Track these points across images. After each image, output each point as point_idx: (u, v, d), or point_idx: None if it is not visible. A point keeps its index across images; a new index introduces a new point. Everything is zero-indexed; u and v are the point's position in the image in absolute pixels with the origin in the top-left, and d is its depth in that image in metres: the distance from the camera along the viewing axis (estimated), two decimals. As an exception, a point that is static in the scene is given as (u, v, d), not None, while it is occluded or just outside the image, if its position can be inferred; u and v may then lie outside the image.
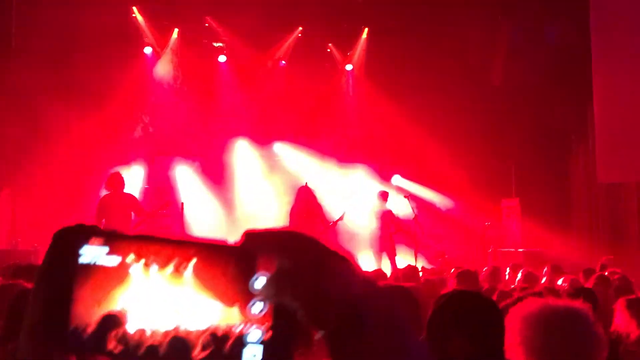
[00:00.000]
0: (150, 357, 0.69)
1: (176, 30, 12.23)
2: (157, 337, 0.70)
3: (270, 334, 0.69)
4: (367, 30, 13.33)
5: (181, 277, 0.71)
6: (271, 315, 0.69)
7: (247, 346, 0.68)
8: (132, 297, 0.71)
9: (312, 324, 0.68)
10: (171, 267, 0.71)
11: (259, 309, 0.69)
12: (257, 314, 0.69)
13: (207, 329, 0.69)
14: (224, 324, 0.69)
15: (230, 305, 0.70)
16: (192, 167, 12.36)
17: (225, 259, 0.71)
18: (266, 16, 11.92)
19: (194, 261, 0.71)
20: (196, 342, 0.69)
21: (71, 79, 10.75)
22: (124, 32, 11.60)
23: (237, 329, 0.69)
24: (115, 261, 0.72)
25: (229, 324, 0.69)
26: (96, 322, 0.71)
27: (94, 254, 0.73)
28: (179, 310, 0.70)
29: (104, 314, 0.71)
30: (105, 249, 0.73)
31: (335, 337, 0.68)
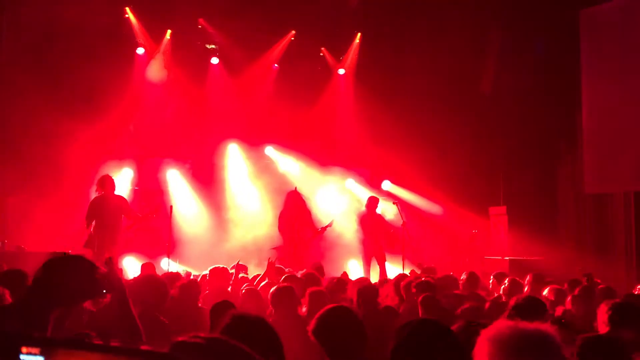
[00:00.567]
0: None
1: (169, 31, 12.20)
2: None
3: None
4: (360, 35, 13.38)
5: None
6: None
7: None
8: None
9: None
10: None
11: None
12: None
13: None
14: None
15: None
16: (183, 169, 12.34)
17: None
18: (259, 19, 11.94)
19: None
20: None
21: (62, 79, 10.68)
22: (117, 33, 11.56)
23: None
24: None
25: None
26: None
27: None
28: None
29: None
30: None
31: None
